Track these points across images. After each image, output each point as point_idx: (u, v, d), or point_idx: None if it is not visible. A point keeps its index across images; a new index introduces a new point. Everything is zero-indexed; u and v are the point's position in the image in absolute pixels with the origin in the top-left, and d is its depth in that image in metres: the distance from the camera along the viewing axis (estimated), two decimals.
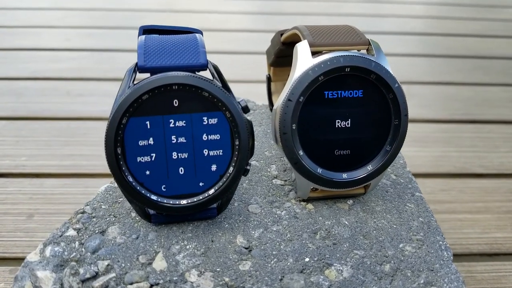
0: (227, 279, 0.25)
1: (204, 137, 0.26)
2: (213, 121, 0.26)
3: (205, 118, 0.26)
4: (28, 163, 0.52)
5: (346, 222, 0.29)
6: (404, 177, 0.34)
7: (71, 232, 0.27)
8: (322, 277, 0.25)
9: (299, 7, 1.19)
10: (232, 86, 0.27)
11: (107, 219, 0.28)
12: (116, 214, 0.28)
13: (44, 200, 0.47)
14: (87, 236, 0.27)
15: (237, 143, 0.26)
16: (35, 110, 0.62)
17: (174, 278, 0.24)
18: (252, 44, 0.90)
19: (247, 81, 0.73)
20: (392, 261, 0.26)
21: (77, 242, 0.26)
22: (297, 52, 0.28)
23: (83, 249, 0.26)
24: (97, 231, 0.27)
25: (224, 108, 0.26)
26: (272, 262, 0.26)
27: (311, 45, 0.28)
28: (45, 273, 0.25)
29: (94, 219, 0.28)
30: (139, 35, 0.31)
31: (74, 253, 0.26)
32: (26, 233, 0.42)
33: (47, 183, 0.49)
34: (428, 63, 0.88)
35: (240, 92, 0.40)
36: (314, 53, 0.28)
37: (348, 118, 0.28)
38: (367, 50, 0.29)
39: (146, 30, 0.31)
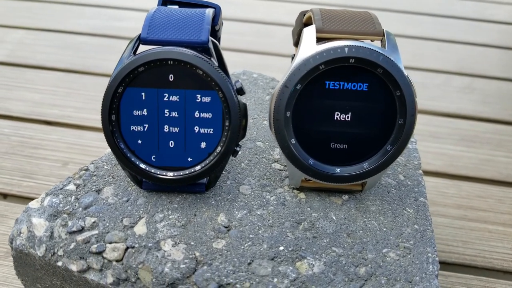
0: (197, 254, 0.25)
1: (196, 114, 0.27)
2: (206, 99, 0.26)
3: (198, 96, 0.26)
4: (73, 115, 0.56)
5: (334, 217, 0.28)
6: (413, 179, 0.32)
7: (70, 187, 0.29)
8: (291, 268, 0.25)
9: None
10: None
11: (106, 179, 0.30)
12: (115, 176, 0.30)
13: (80, 151, 0.50)
14: (84, 193, 0.29)
15: (227, 123, 0.26)
16: (89, 65, 0.66)
17: (149, 245, 0.26)
18: None
19: None
20: (369, 265, 0.26)
21: (73, 197, 0.28)
22: (302, 37, 0.27)
23: (76, 204, 0.28)
24: (93, 189, 0.29)
25: (217, 88, 0.26)
26: (246, 245, 0.26)
27: (318, 31, 0.27)
28: (40, 221, 0.27)
29: (94, 178, 0.30)
30: (158, 5, 0.31)
31: (68, 206, 0.28)
32: (58, 179, 0.46)
33: (86, 135, 0.53)
34: (502, 56, 0.80)
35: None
36: (322, 39, 0.27)
37: (349, 112, 0.27)
38: (382, 41, 0.27)
39: (165, 1, 0.31)
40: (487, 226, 0.45)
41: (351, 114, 0.27)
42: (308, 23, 0.33)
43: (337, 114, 0.27)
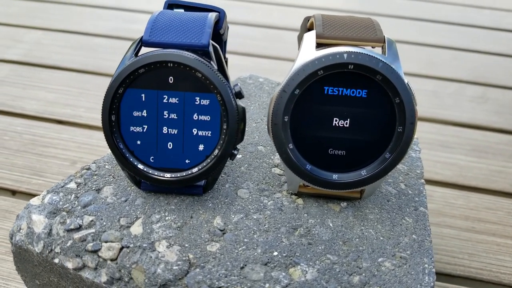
0: (191, 256, 0.26)
1: (195, 116, 0.27)
2: (205, 102, 0.27)
3: (197, 98, 0.27)
4: (84, 115, 0.57)
5: (331, 224, 0.28)
6: (414, 188, 0.32)
7: (71, 185, 0.30)
8: (284, 274, 0.25)
9: None
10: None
11: (106, 178, 0.30)
12: (115, 176, 0.31)
13: (89, 151, 0.51)
14: (84, 191, 0.29)
15: (224, 127, 0.27)
16: (102, 66, 0.67)
17: (144, 245, 0.26)
18: None
19: None
20: (363, 274, 0.25)
21: (73, 195, 0.29)
22: (302, 42, 0.27)
23: (76, 202, 0.28)
24: (93, 188, 0.29)
25: (215, 91, 0.26)
26: (240, 249, 0.26)
27: (318, 36, 0.27)
28: (39, 217, 0.28)
29: (95, 177, 0.30)
30: (163, 8, 0.32)
31: (68, 204, 0.28)
32: (66, 177, 0.47)
33: (96, 135, 0.54)
34: None
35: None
36: (321, 45, 0.27)
37: (347, 118, 0.27)
38: (382, 48, 0.27)
39: (171, 5, 0.32)
40: (495, 239, 0.44)
41: (349, 121, 0.27)
42: (311, 29, 0.33)
43: (336, 120, 0.27)
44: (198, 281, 0.24)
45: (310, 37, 0.27)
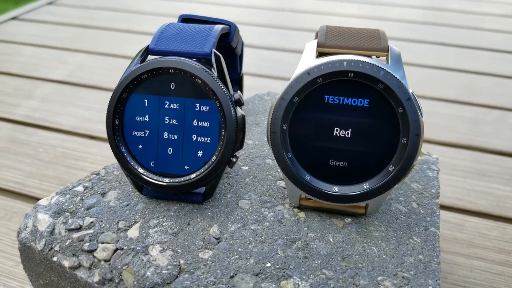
0: (182, 262, 0.25)
1: (195, 122, 0.27)
2: (205, 108, 0.27)
3: (197, 105, 0.27)
4: None
5: (331, 239, 0.27)
6: (426, 208, 0.30)
7: (79, 188, 0.31)
8: (274, 286, 0.24)
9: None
10: None
11: (112, 183, 0.31)
12: (121, 181, 0.31)
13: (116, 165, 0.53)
14: (89, 194, 0.30)
15: (223, 133, 0.27)
16: None
17: (138, 248, 0.26)
18: None
19: None
20: None
21: (79, 197, 0.30)
22: (304, 51, 0.27)
23: (80, 204, 0.29)
24: (99, 192, 0.30)
25: (214, 97, 0.26)
26: (233, 258, 0.25)
27: (319, 45, 0.26)
28: (44, 217, 0.28)
29: (103, 182, 0.31)
30: (177, 21, 0.33)
31: (72, 206, 0.29)
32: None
33: None
34: None
35: None
36: (323, 54, 0.26)
37: (349, 128, 0.26)
38: (386, 58, 0.26)
39: (184, 19, 0.33)
40: None
41: (351, 131, 0.26)
42: None
43: (337, 130, 0.26)
44: (185, 287, 0.24)
45: (311, 46, 0.26)
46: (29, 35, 0.91)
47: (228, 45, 0.34)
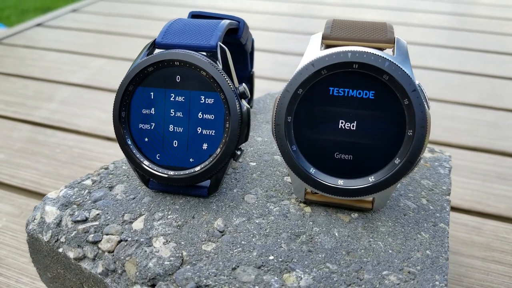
0: (184, 253, 0.25)
1: (200, 115, 0.27)
2: (210, 101, 0.27)
3: (202, 97, 0.27)
4: None
5: (336, 234, 0.26)
6: (436, 204, 0.29)
7: (87, 182, 0.31)
8: (276, 278, 0.24)
9: None
10: None
11: (120, 178, 0.31)
12: (129, 176, 0.31)
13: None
14: (97, 188, 0.30)
15: (227, 125, 0.26)
16: None
17: (141, 240, 0.26)
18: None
19: None
20: (363, 286, 0.23)
21: (86, 190, 0.30)
22: (308, 44, 0.26)
23: (87, 197, 0.29)
24: (106, 186, 0.30)
25: (219, 90, 0.26)
26: (236, 250, 0.25)
27: (324, 37, 0.26)
28: (52, 209, 0.29)
29: (111, 176, 0.32)
30: (187, 17, 0.33)
31: (79, 198, 0.29)
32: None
33: None
34: None
35: None
36: (329, 46, 0.26)
37: (354, 120, 0.26)
38: (393, 50, 0.26)
39: (194, 15, 0.33)
40: None
41: (356, 123, 0.26)
42: None
43: (342, 122, 0.26)
44: (187, 278, 0.24)
45: (316, 38, 0.26)
46: (52, 41, 0.94)
47: (238, 41, 0.34)
